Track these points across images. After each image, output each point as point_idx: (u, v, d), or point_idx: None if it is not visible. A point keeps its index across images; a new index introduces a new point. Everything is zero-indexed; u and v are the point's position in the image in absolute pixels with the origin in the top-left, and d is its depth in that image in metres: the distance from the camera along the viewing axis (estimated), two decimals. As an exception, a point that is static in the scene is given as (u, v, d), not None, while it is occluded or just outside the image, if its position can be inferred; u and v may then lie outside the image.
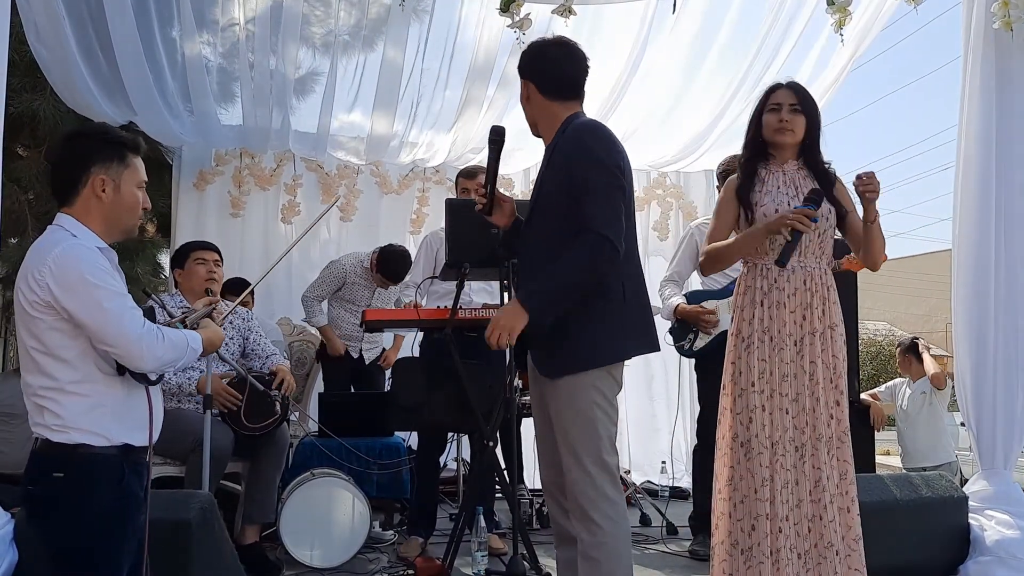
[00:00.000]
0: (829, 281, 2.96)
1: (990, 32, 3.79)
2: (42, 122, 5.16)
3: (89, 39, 4.70)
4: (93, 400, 2.11)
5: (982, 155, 3.82)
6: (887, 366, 19.43)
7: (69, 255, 2.07)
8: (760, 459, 2.82)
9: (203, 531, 2.90)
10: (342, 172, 6.08)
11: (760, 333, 2.90)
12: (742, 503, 2.85)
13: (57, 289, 2.05)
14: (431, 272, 4.45)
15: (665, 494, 5.38)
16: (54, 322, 2.07)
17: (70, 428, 2.08)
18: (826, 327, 2.91)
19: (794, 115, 2.95)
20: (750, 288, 2.95)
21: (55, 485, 2.08)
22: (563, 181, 2.58)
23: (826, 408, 2.87)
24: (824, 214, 2.90)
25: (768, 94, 3.03)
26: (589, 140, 2.60)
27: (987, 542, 3.57)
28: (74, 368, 2.09)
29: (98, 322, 2.06)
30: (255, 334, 4.10)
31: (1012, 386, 3.77)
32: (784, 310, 2.89)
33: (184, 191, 5.83)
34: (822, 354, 2.89)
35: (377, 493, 4.41)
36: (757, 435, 2.83)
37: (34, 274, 2.07)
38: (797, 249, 2.86)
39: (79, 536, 2.08)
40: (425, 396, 3.88)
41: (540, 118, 2.74)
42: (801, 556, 2.79)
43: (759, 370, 2.87)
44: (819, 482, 2.83)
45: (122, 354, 2.10)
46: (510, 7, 4.07)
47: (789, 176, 2.98)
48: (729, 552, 2.84)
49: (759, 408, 2.85)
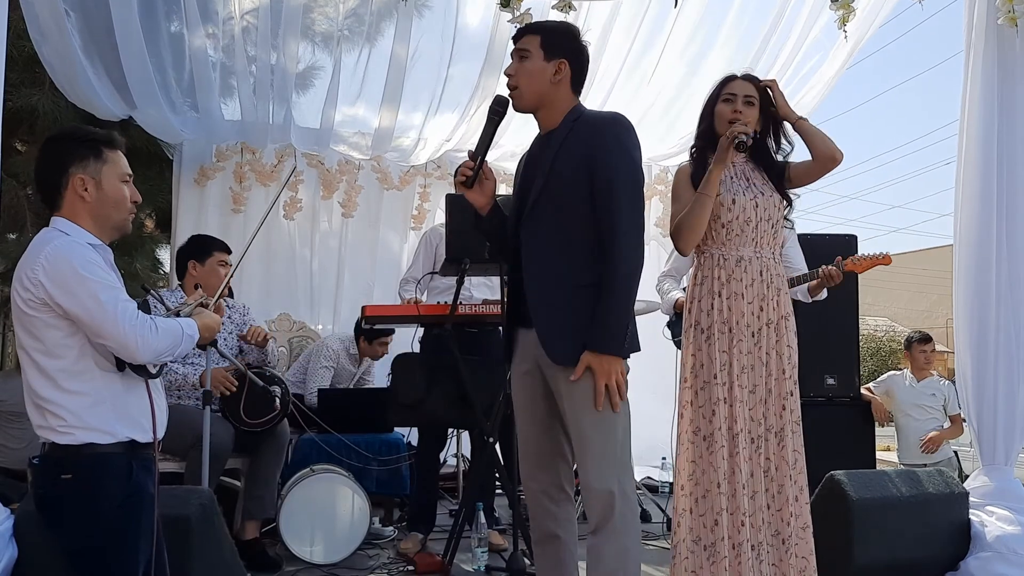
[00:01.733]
0: (781, 271, 2.99)
1: (992, 27, 3.78)
2: (41, 117, 5.15)
3: (90, 33, 4.69)
4: (94, 397, 2.11)
5: (984, 151, 3.81)
6: (887, 362, 19.43)
7: (60, 251, 2.09)
8: (722, 452, 2.81)
9: (203, 527, 2.89)
10: (343, 168, 6.07)
11: (720, 324, 2.89)
12: (704, 498, 2.83)
13: (50, 285, 2.05)
14: (431, 268, 4.44)
15: (665, 490, 5.38)
16: (50, 319, 2.08)
17: (74, 428, 2.08)
18: (779, 317, 2.91)
19: (747, 107, 2.95)
20: (707, 278, 2.94)
21: (64, 487, 2.09)
22: (581, 169, 2.53)
23: (779, 399, 2.87)
24: (776, 204, 2.94)
25: (723, 84, 3.03)
26: (620, 133, 2.58)
27: (988, 538, 3.57)
28: (73, 364, 2.10)
29: (91, 315, 2.06)
30: (248, 327, 4.08)
31: (1013, 382, 3.76)
32: (742, 301, 2.88)
33: (185, 187, 5.81)
34: (776, 345, 2.89)
35: (377, 489, 4.42)
36: (720, 428, 2.82)
37: (27, 272, 2.08)
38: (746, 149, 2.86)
39: (93, 536, 2.08)
40: (425, 392, 3.88)
41: (552, 100, 2.62)
42: (755, 547, 2.78)
43: (720, 362, 2.86)
44: (767, 471, 2.83)
45: (117, 346, 2.10)
46: (511, 2, 4.06)
47: (739, 167, 3.00)
48: (691, 549, 2.81)
49: (721, 401, 2.83)
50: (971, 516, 3.66)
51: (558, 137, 2.61)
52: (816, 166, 2.96)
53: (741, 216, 2.90)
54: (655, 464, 6.00)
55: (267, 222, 5.96)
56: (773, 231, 2.94)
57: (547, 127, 2.67)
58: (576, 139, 2.57)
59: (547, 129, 2.67)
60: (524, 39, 2.65)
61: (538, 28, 2.70)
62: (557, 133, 2.62)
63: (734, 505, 2.78)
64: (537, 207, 2.58)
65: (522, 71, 2.61)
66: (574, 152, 2.55)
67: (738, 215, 2.90)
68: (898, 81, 76.25)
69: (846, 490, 3.38)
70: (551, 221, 2.56)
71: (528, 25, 2.77)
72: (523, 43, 2.64)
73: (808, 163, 2.99)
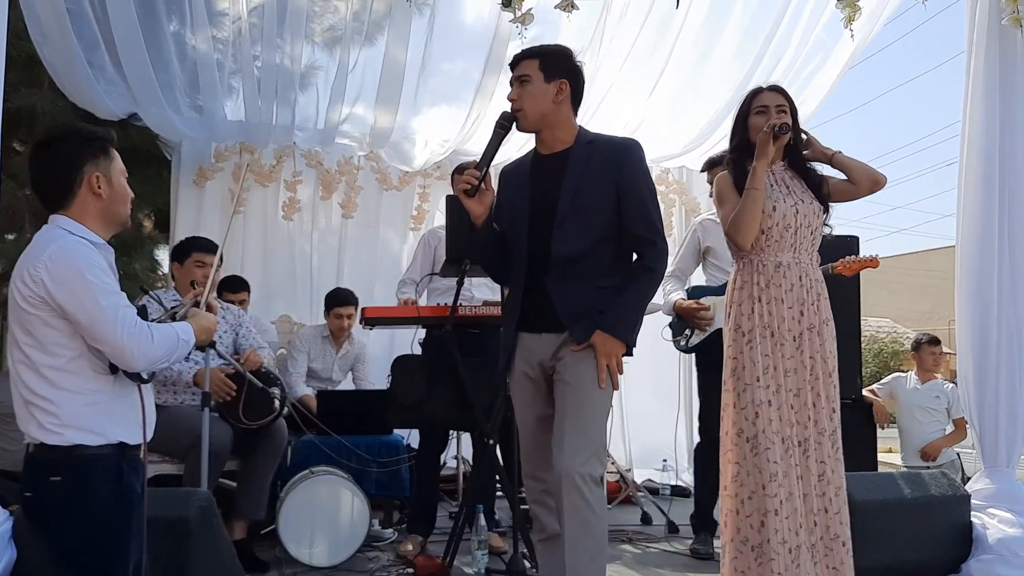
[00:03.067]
0: (820, 276, 3.04)
1: (994, 27, 3.77)
2: (40, 118, 5.14)
3: (91, 32, 4.68)
4: (86, 397, 2.10)
5: (986, 152, 3.80)
6: (889, 363, 19.42)
7: (66, 251, 2.08)
8: (768, 454, 2.83)
9: (202, 529, 2.88)
10: (342, 168, 6.06)
11: (761, 328, 2.92)
12: (750, 499, 2.84)
13: (52, 284, 2.05)
14: (429, 269, 4.43)
15: (666, 492, 5.36)
16: (48, 318, 2.07)
17: (65, 427, 2.07)
18: (820, 322, 2.96)
19: (782, 115, 3.01)
20: (747, 283, 2.99)
21: (52, 489, 2.07)
22: (608, 191, 2.71)
23: (827, 402, 2.92)
24: (816, 212, 3.00)
25: (752, 97, 3.10)
26: (641, 159, 2.81)
27: (989, 540, 3.56)
28: (68, 364, 2.09)
29: (91, 318, 2.06)
30: (245, 328, 4.10)
31: (1015, 384, 3.76)
32: (783, 305, 2.92)
33: (184, 187, 5.80)
34: (820, 349, 2.94)
35: (376, 491, 4.40)
36: (764, 430, 2.84)
37: (29, 270, 2.07)
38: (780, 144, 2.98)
39: (83, 539, 2.07)
40: (425, 393, 3.86)
41: (558, 121, 2.77)
42: (809, 550, 2.81)
43: (763, 365, 2.89)
44: (823, 475, 2.87)
45: (113, 353, 2.09)
46: (511, 2, 4.04)
47: (777, 175, 3.05)
48: (739, 549, 2.84)
49: (765, 403, 2.86)
50: (973, 518, 3.65)
51: (578, 158, 2.75)
52: (858, 189, 3.07)
53: (781, 223, 2.95)
54: (656, 467, 5.99)
55: (266, 222, 5.99)
56: (812, 237, 3.00)
57: (552, 146, 2.80)
58: (600, 162, 2.74)
59: (551, 148, 2.80)
60: (522, 64, 2.79)
61: (535, 52, 2.81)
62: (575, 154, 2.76)
63: (790, 507, 2.80)
64: (566, 222, 2.71)
65: (525, 94, 2.75)
66: (600, 175, 2.73)
67: (778, 221, 2.95)
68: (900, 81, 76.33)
69: (848, 492, 3.35)
70: (578, 235, 2.70)
71: (524, 51, 2.86)
72: (522, 68, 2.78)
73: (848, 184, 3.06)
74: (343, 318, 5.08)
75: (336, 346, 5.22)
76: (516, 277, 2.81)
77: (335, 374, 5.23)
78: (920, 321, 23.56)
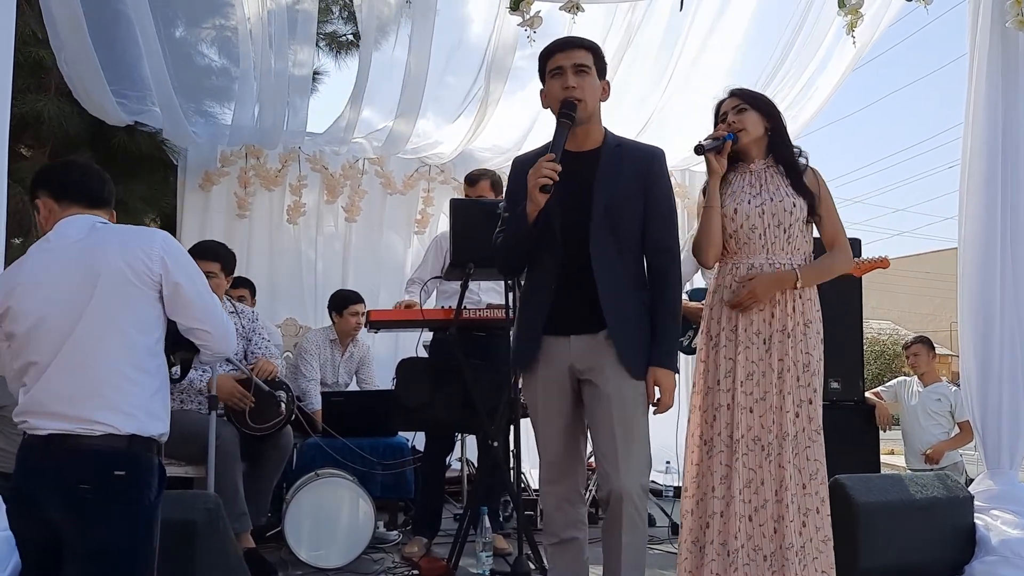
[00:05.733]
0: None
1: (996, 30, 3.78)
2: (46, 123, 5.17)
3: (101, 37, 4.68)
4: (159, 383, 2.21)
5: (988, 154, 3.81)
6: (891, 365, 19.40)
7: (172, 239, 2.27)
8: (720, 457, 2.85)
9: (209, 532, 2.89)
10: (347, 172, 6.08)
11: (728, 332, 2.93)
12: (702, 500, 2.88)
13: (172, 263, 2.18)
14: (439, 272, 4.44)
15: (669, 494, 5.37)
16: (154, 297, 2.18)
17: (138, 411, 2.12)
18: (797, 324, 2.88)
19: (739, 114, 3.00)
20: (720, 287, 3.00)
21: (116, 484, 2.08)
22: (637, 195, 2.71)
23: (794, 406, 2.83)
24: (788, 209, 2.91)
25: (717, 107, 3.11)
26: (665, 167, 2.80)
27: (992, 542, 3.56)
28: (156, 344, 2.20)
29: (204, 301, 2.22)
30: (258, 336, 4.08)
31: (1018, 386, 3.76)
32: (752, 308, 2.89)
33: (189, 191, 5.83)
34: (792, 352, 2.86)
35: (381, 493, 4.42)
36: (720, 433, 2.86)
37: (143, 247, 2.17)
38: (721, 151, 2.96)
39: (130, 536, 2.09)
40: (429, 396, 3.88)
41: (597, 117, 2.76)
42: (767, 558, 2.78)
43: (725, 368, 2.90)
44: (783, 481, 2.79)
45: (216, 335, 2.24)
46: (520, 5, 4.04)
47: (756, 174, 3.01)
48: (690, 549, 2.88)
49: (723, 407, 2.88)
50: (976, 520, 3.66)
51: (608, 161, 2.72)
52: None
53: (745, 224, 2.93)
54: (659, 469, 5.99)
55: (272, 226, 6.02)
56: (787, 236, 2.92)
57: (583, 144, 2.74)
58: (628, 166, 2.72)
59: (581, 146, 2.73)
60: (580, 53, 2.69)
61: (589, 45, 2.75)
62: (604, 156, 2.73)
63: (731, 510, 2.79)
64: (601, 224, 2.67)
65: (587, 85, 2.68)
66: (629, 179, 2.71)
67: (742, 224, 2.93)
68: (902, 84, 76.24)
69: (851, 494, 3.37)
70: (611, 238, 2.68)
71: (577, 39, 2.77)
72: (581, 57, 2.68)
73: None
74: (358, 315, 5.12)
75: (342, 349, 5.24)
76: (545, 276, 2.71)
77: (342, 377, 5.25)
78: (922, 323, 23.52)
